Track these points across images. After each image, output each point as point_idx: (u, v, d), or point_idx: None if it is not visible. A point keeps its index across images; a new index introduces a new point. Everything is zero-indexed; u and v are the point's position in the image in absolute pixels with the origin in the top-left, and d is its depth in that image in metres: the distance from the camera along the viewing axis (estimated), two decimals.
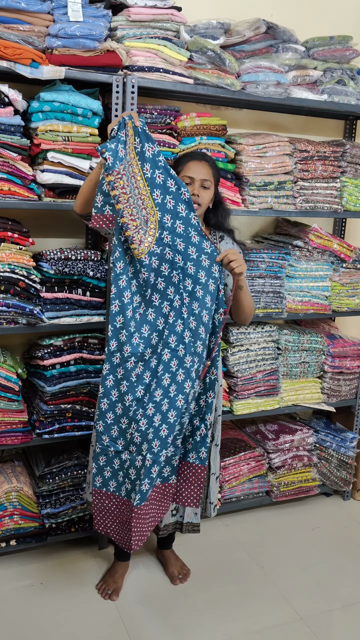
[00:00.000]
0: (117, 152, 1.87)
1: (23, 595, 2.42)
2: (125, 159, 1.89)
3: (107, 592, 2.44)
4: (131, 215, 1.90)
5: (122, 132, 1.90)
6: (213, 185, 2.23)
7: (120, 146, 1.89)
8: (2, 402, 2.38)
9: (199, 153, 2.31)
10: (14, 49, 2.11)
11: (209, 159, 2.26)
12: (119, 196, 1.87)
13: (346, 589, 2.60)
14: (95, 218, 1.99)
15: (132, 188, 1.91)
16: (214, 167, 2.26)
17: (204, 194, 2.20)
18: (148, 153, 1.94)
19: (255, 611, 2.43)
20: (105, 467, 2.09)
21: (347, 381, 3.14)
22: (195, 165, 2.20)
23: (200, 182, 2.18)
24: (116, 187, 1.87)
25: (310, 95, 2.70)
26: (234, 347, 2.82)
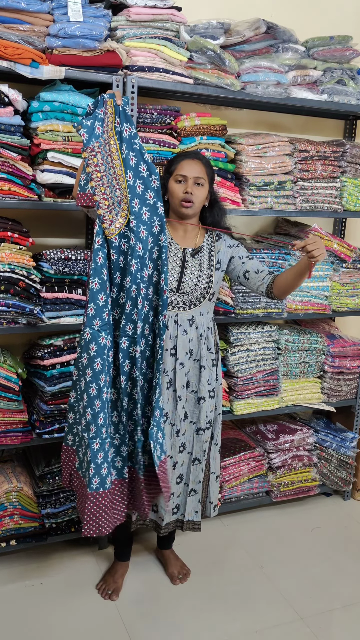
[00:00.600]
0: (93, 129, 1.86)
1: (23, 595, 2.42)
2: (102, 137, 1.87)
3: (107, 592, 2.44)
4: (103, 194, 1.88)
5: (100, 110, 1.88)
6: (207, 183, 2.22)
7: (98, 123, 1.87)
8: (2, 402, 2.38)
9: (192, 152, 2.30)
10: (14, 49, 2.11)
11: (202, 157, 2.25)
12: (91, 173, 1.86)
13: (346, 589, 2.60)
14: (78, 197, 1.95)
15: (107, 167, 1.89)
16: (208, 166, 2.25)
17: (198, 192, 2.18)
18: (125, 133, 1.92)
19: (255, 611, 2.43)
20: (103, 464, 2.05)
21: (347, 381, 3.14)
22: (188, 164, 2.19)
23: (193, 179, 2.17)
24: (90, 164, 1.85)
25: (310, 95, 2.70)
26: (234, 347, 2.82)
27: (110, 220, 1.92)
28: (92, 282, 1.94)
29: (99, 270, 1.94)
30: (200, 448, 2.32)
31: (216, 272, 2.28)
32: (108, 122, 1.89)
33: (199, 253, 2.27)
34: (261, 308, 2.81)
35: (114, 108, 1.89)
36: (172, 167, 2.22)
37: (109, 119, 1.89)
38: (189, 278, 2.24)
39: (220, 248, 2.30)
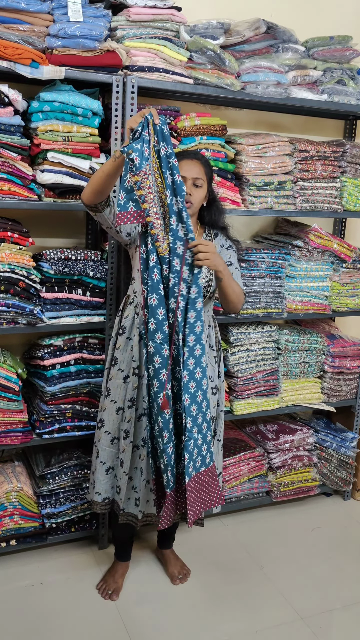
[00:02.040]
0: (142, 152, 1.86)
1: (23, 595, 2.42)
2: (150, 159, 1.89)
3: (107, 592, 2.44)
4: (156, 214, 1.93)
5: (145, 132, 1.87)
6: (206, 184, 2.22)
7: (145, 146, 1.87)
8: (2, 402, 2.38)
9: (191, 152, 2.29)
10: (14, 49, 2.11)
11: (201, 157, 2.25)
12: (145, 196, 1.89)
13: (346, 589, 2.60)
14: (119, 216, 1.94)
15: (154, 187, 1.92)
16: (207, 166, 2.24)
17: (196, 193, 2.19)
18: (162, 152, 1.92)
19: (255, 611, 2.43)
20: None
21: (347, 381, 3.14)
22: (187, 164, 2.18)
23: (192, 180, 2.17)
24: (143, 187, 1.87)
25: (310, 95, 2.70)
26: (234, 347, 2.82)
27: (162, 239, 1.97)
28: (151, 298, 1.98)
29: (156, 286, 1.98)
30: None
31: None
32: (151, 142, 1.90)
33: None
34: (261, 308, 2.81)
35: (153, 128, 1.90)
36: None
37: (151, 139, 1.90)
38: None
39: (216, 246, 2.30)
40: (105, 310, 2.50)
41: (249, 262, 2.76)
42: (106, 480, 2.29)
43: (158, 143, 1.91)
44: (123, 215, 1.92)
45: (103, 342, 2.56)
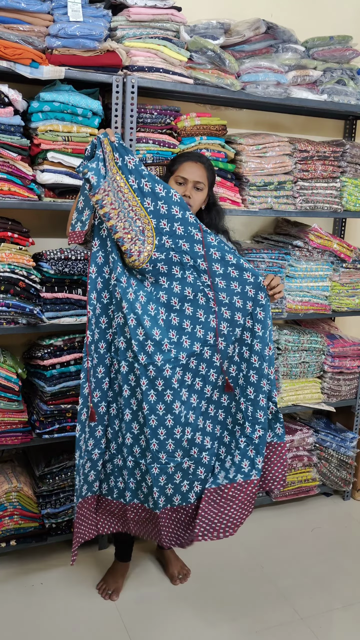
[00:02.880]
0: (99, 171, 1.86)
1: (23, 595, 2.42)
2: (108, 175, 1.88)
3: (107, 592, 2.44)
4: (124, 229, 1.91)
5: (99, 151, 1.89)
6: (207, 188, 2.22)
7: (101, 164, 1.87)
8: (2, 402, 2.38)
9: (195, 154, 2.29)
10: (14, 49, 2.10)
11: (205, 160, 2.25)
12: (109, 213, 1.88)
13: (346, 589, 2.60)
14: (70, 235, 1.96)
15: (120, 202, 1.91)
16: (210, 169, 2.24)
17: (196, 196, 2.19)
18: (130, 165, 1.93)
19: (255, 611, 2.43)
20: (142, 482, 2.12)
21: (347, 381, 3.14)
22: (190, 166, 2.19)
23: (193, 183, 2.18)
24: (105, 205, 1.87)
25: (310, 95, 2.70)
26: None
27: (138, 252, 1.95)
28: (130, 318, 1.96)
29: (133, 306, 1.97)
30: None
31: None
32: (109, 160, 1.89)
33: None
34: None
35: (110, 145, 1.90)
36: (174, 167, 2.22)
37: (108, 156, 1.89)
38: None
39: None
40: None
41: (249, 262, 2.75)
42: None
43: (120, 158, 1.92)
44: (72, 234, 1.95)
45: None
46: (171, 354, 2.01)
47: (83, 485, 2.13)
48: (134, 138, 2.38)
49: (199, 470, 2.14)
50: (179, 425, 2.04)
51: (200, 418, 2.11)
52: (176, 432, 2.04)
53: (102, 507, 2.23)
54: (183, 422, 2.05)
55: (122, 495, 2.16)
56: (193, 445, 2.10)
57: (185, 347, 2.04)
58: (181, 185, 2.19)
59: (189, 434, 2.07)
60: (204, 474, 2.14)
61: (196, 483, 2.14)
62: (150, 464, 2.05)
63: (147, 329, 1.97)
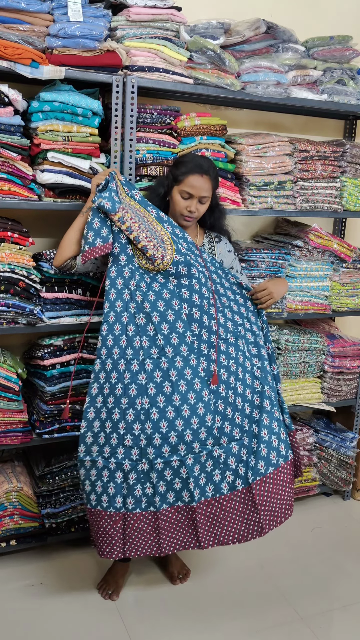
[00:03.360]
0: (112, 198, 2.06)
1: (23, 595, 2.42)
2: (122, 201, 2.09)
3: (107, 592, 2.44)
4: (146, 238, 2.06)
5: (112, 184, 2.09)
6: (211, 196, 2.24)
7: (113, 194, 2.07)
8: (2, 402, 2.38)
9: (201, 165, 2.20)
10: (14, 49, 2.10)
11: (210, 170, 2.21)
12: (131, 227, 2.07)
13: (346, 589, 2.60)
14: (87, 252, 2.08)
15: (139, 217, 2.07)
16: (214, 179, 2.24)
17: (201, 209, 2.22)
18: (136, 197, 2.13)
19: (255, 611, 2.43)
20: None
21: (347, 381, 3.14)
22: (196, 181, 2.17)
23: (198, 198, 2.19)
24: (126, 220, 2.05)
25: (310, 95, 2.70)
26: None
27: (161, 256, 2.09)
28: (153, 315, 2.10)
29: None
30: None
31: None
32: (120, 192, 2.11)
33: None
34: None
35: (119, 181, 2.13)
36: (180, 176, 2.21)
37: (119, 189, 2.12)
38: None
39: (222, 251, 2.31)
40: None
41: (249, 262, 2.76)
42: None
43: (129, 191, 2.14)
44: (90, 251, 2.08)
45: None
46: (194, 346, 2.11)
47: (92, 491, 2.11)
48: (134, 138, 2.38)
49: (230, 460, 2.12)
50: (209, 412, 2.09)
51: (229, 408, 2.13)
52: (207, 420, 2.08)
53: (130, 526, 2.10)
54: (213, 410, 2.09)
55: (152, 502, 2.08)
56: (223, 434, 2.12)
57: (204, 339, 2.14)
58: (186, 200, 2.20)
59: (219, 422, 2.11)
60: (235, 463, 2.13)
61: (228, 473, 2.13)
62: (184, 456, 2.06)
63: (170, 322, 2.10)
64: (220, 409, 2.11)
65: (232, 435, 2.13)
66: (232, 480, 2.13)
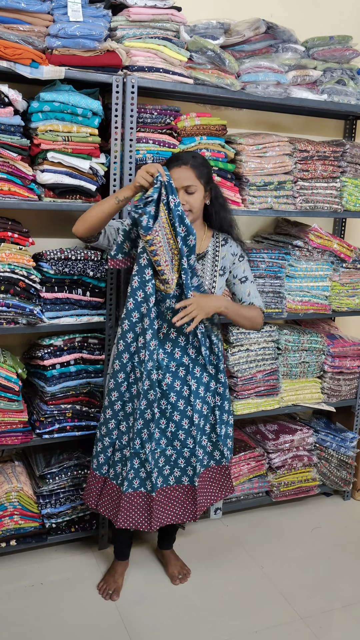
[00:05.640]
0: (151, 213, 1.99)
1: (23, 595, 2.42)
2: (159, 216, 2.02)
3: (107, 592, 2.44)
4: (165, 262, 2.06)
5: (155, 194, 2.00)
6: (201, 186, 2.16)
7: (154, 209, 2.00)
8: (2, 402, 2.37)
9: (179, 156, 2.18)
10: (14, 49, 2.11)
11: (190, 159, 2.15)
12: (156, 250, 2.02)
13: (346, 589, 2.60)
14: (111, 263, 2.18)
15: (165, 239, 2.05)
16: (199, 167, 2.15)
17: (191, 200, 2.14)
18: (171, 204, 2.03)
19: (255, 611, 2.43)
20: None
21: (347, 381, 3.14)
22: (176, 173, 2.12)
23: (183, 189, 2.13)
24: (154, 243, 2.00)
25: (310, 95, 2.70)
26: (234, 347, 2.82)
27: (171, 280, 2.09)
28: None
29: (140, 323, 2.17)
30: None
31: (219, 278, 2.26)
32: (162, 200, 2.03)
33: (203, 259, 2.25)
34: None
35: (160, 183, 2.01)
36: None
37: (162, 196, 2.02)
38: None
39: (225, 255, 2.28)
40: (105, 310, 2.50)
41: (249, 262, 2.75)
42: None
43: (166, 196, 2.03)
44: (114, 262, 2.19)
45: (103, 342, 2.56)
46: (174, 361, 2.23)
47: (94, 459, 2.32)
48: (134, 138, 2.38)
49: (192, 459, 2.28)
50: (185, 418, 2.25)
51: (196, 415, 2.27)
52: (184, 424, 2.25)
53: (106, 489, 2.32)
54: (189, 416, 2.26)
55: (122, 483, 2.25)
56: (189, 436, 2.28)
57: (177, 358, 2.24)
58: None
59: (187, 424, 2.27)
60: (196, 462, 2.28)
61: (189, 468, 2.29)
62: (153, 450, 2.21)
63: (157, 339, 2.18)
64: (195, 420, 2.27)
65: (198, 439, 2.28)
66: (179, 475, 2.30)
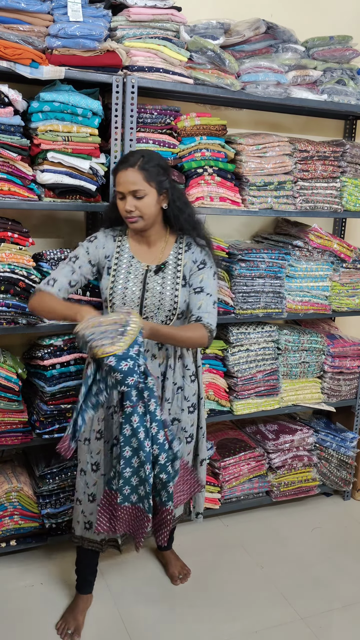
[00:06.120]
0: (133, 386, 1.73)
1: (23, 595, 2.42)
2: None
3: (67, 633, 2.22)
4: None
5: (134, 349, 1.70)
6: (152, 189, 1.96)
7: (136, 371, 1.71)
8: (2, 402, 2.38)
9: (126, 158, 2.00)
10: (14, 49, 2.10)
11: (137, 161, 1.96)
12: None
13: (346, 589, 2.60)
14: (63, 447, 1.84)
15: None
16: (147, 169, 1.95)
17: (140, 204, 1.96)
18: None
19: (255, 611, 2.43)
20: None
21: (347, 381, 3.14)
22: (121, 177, 1.96)
23: (130, 194, 1.96)
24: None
25: (310, 95, 2.70)
26: (234, 347, 2.82)
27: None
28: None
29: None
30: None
31: (182, 289, 2.06)
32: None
33: (163, 270, 2.07)
34: (261, 308, 2.80)
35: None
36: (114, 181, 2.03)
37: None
38: (151, 301, 2.04)
39: (187, 262, 2.08)
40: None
41: (249, 262, 2.76)
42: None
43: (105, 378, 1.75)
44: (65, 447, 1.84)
45: None
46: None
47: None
48: (134, 138, 2.38)
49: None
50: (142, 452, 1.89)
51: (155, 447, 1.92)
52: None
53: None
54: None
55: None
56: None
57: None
58: (122, 200, 1.99)
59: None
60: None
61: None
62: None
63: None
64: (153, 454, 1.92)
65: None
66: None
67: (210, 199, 2.57)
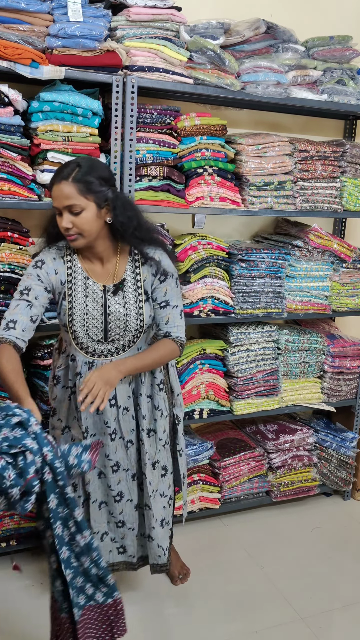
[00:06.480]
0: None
1: (23, 595, 2.42)
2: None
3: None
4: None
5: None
6: (90, 202, 1.79)
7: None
8: (2, 402, 2.37)
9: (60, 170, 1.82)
10: (14, 49, 2.11)
11: (71, 173, 1.78)
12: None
13: (346, 589, 2.60)
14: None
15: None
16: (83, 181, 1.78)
17: (78, 221, 1.79)
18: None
19: (255, 611, 2.43)
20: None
21: (347, 381, 3.14)
22: (55, 191, 1.79)
23: (66, 209, 1.79)
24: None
25: (310, 95, 2.71)
26: (234, 347, 2.83)
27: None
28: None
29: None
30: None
31: (146, 304, 1.96)
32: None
33: (122, 289, 1.95)
34: (261, 308, 2.81)
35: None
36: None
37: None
38: (115, 324, 1.95)
39: (146, 276, 1.96)
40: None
41: (249, 262, 2.76)
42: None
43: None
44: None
45: None
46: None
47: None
48: (134, 138, 2.38)
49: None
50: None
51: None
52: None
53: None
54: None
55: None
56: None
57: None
58: (60, 216, 1.83)
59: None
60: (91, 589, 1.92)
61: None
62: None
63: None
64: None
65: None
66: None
67: (210, 198, 2.57)
